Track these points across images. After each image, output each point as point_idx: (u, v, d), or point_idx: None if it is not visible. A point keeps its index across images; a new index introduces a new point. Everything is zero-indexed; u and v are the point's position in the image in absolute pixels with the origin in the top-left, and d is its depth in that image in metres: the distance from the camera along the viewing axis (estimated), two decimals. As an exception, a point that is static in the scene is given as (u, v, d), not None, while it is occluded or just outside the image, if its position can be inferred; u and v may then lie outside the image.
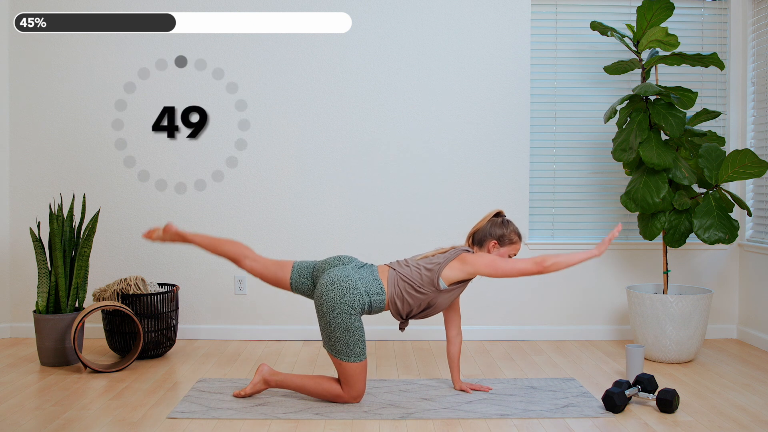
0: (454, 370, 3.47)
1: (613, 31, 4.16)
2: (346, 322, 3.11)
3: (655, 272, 4.62)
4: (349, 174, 4.56)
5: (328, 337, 3.16)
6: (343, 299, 3.12)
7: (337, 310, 3.11)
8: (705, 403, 3.28)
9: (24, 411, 3.12)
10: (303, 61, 4.54)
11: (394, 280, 3.23)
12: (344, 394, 3.20)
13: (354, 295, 3.14)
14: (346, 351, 3.13)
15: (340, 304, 3.11)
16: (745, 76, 4.59)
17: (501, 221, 3.35)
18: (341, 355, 3.13)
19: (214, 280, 4.57)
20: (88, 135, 4.54)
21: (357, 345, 3.14)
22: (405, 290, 3.22)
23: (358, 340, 3.14)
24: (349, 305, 3.12)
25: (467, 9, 4.54)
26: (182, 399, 3.29)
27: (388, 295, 3.22)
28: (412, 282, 3.22)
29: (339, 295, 3.12)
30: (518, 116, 4.57)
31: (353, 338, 3.13)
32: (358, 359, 3.15)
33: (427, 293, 3.22)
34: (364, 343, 3.18)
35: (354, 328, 3.13)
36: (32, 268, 4.52)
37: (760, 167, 3.86)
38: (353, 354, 3.14)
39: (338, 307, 3.11)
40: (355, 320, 3.13)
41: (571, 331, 4.61)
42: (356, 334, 3.14)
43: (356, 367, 3.15)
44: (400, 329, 3.40)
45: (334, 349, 3.15)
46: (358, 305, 3.14)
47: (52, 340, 3.85)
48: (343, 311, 3.11)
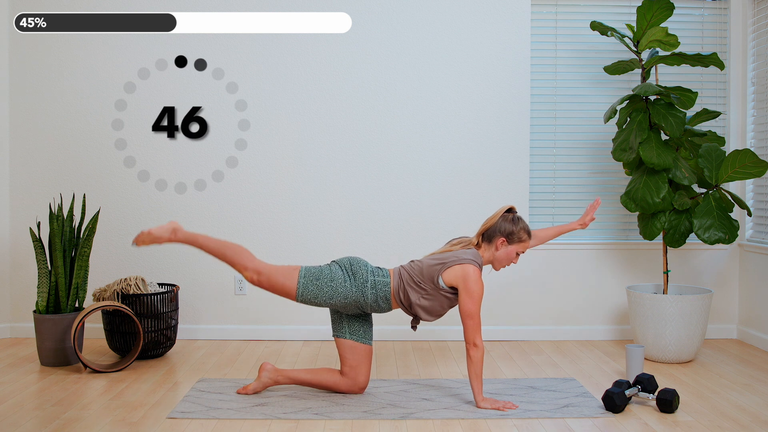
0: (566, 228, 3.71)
1: (613, 31, 4.16)
2: (335, 273, 3.26)
3: (655, 272, 4.62)
4: (349, 173, 4.57)
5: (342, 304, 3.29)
6: (350, 264, 3.30)
7: (341, 265, 3.30)
8: (705, 403, 3.28)
9: (24, 411, 3.12)
10: (303, 61, 4.54)
11: (398, 273, 3.31)
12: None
13: (360, 267, 3.29)
14: (310, 277, 3.26)
15: (346, 265, 3.30)
16: (745, 76, 4.60)
17: (512, 218, 3.34)
18: (305, 275, 3.26)
19: (214, 280, 4.57)
20: (88, 135, 4.54)
21: (318, 285, 3.25)
22: (407, 282, 3.26)
23: (321, 287, 3.25)
24: (352, 270, 3.27)
25: (467, 9, 4.54)
26: (182, 399, 3.29)
27: (393, 284, 3.27)
28: (413, 274, 3.26)
29: (348, 261, 3.31)
30: (518, 116, 4.57)
31: (323, 283, 3.25)
32: (300, 287, 3.25)
33: (426, 289, 3.24)
34: (317, 297, 3.26)
35: (333, 280, 3.25)
36: (32, 268, 4.52)
37: (760, 167, 3.86)
38: (306, 282, 3.25)
39: (343, 265, 3.30)
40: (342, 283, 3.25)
41: (571, 331, 4.61)
42: (328, 285, 3.25)
43: (292, 279, 3.25)
44: (412, 328, 3.41)
45: (309, 273, 3.27)
46: (360, 277, 3.26)
47: (52, 340, 3.84)
48: (345, 270, 3.27)
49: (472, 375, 3.17)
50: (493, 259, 3.35)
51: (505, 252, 3.32)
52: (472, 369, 3.17)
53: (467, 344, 3.17)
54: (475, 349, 3.15)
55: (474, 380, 3.17)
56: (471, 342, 3.16)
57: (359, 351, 3.35)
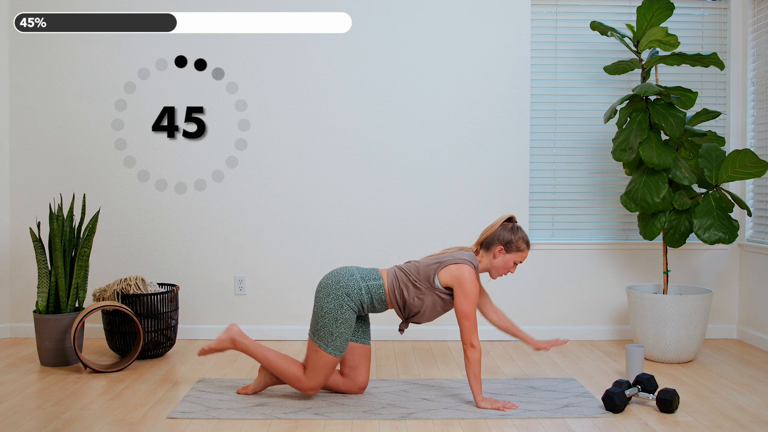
0: (522, 335, 3.53)
1: (613, 31, 4.16)
2: (337, 309, 3.17)
3: (655, 272, 4.62)
4: (349, 173, 4.56)
5: (316, 322, 3.22)
6: (338, 284, 3.19)
7: (332, 295, 3.19)
8: (705, 403, 3.28)
9: (24, 411, 3.12)
10: (303, 61, 4.54)
11: (393, 272, 3.30)
12: (305, 379, 3.25)
13: (350, 281, 3.21)
14: (327, 339, 3.18)
15: (336, 289, 3.18)
16: (745, 76, 4.59)
17: (511, 227, 3.34)
18: (321, 342, 3.19)
19: (214, 280, 4.57)
20: (88, 135, 4.54)
21: (339, 339, 3.18)
22: (402, 281, 3.26)
23: (342, 334, 3.18)
24: (345, 291, 3.18)
25: (467, 9, 4.54)
26: (182, 399, 3.29)
27: (387, 284, 3.26)
28: (409, 274, 3.27)
29: (335, 281, 3.21)
30: (518, 116, 4.57)
31: (339, 330, 3.18)
32: (335, 353, 3.20)
33: (421, 288, 3.24)
34: (346, 343, 3.22)
35: (343, 320, 3.18)
36: (32, 268, 4.52)
37: (760, 167, 3.86)
38: (332, 346, 3.19)
39: (333, 292, 3.19)
40: (347, 311, 3.18)
41: (571, 331, 4.61)
42: (343, 327, 3.18)
43: (329, 359, 3.20)
44: (400, 331, 3.40)
45: (317, 334, 3.20)
46: (354, 292, 3.19)
47: (52, 340, 3.84)
48: (338, 296, 3.18)
49: (471, 376, 3.17)
50: (491, 267, 3.35)
51: (503, 260, 3.32)
52: (470, 370, 3.17)
53: (464, 345, 3.17)
54: (473, 350, 3.15)
55: (473, 381, 3.17)
56: (468, 343, 3.16)
57: (358, 351, 3.36)
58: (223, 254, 4.56)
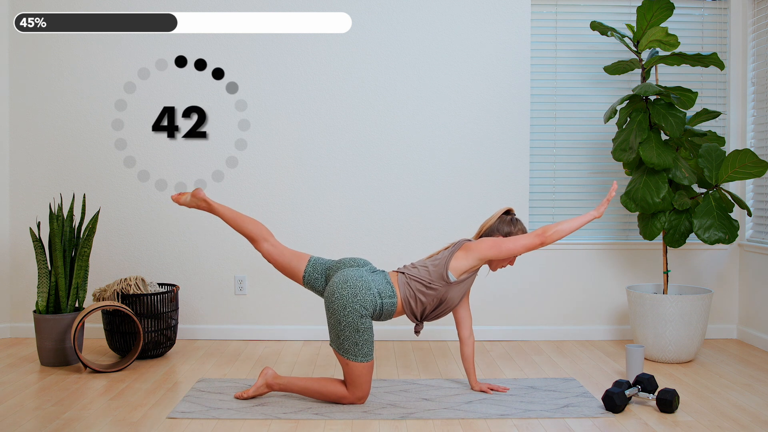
0: (470, 372, 3.47)
1: (613, 31, 4.16)
2: (356, 321, 3.11)
3: (655, 272, 4.62)
4: (349, 174, 4.57)
5: (336, 335, 3.15)
6: (355, 298, 3.12)
7: (349, 308, 3.11)
8: (705, 403, 3.28)
9: (24, 411, 3.12)
10: (303, 61, 4.54)
11: (405, 282, 3.25)
12: (349, 395, 3.19)
13: (367, 295, 3.14)
14: (354, 350, 3.13)
15: (352, 303, 3.11)
16: (745, 76, 4.59)
17: (510, 219, 3.37)
18: (349, 354, 3.13)
19: (214, 280, 4.57)
20: (88, 135, 4.54)
21: (366, 345, 3.14)
22: (417, 289, 3.23)
23: (367, 341, 3.14)
24: (362, 305, 3.12)
25: (467, 9, 4.54)
26: (182, 399, 3.29)
27: (400, 297, 3.23)
28: (422, 280, 3.23)
29: (352, 294, 3.12)
30: (518, 116, 4.57)
31: (362, 338, 3.13)
32: (366, 359, 3.15)
33: (438, 288, 3.23)
34: (373, 344, 3.18)
35: (364, 329, 3.13)
36: (32, 268, 4.52)
37: (760, 167, 3.86)
38: (361, 354, 3.13)
39: (350, 305, 3.11)
40: (365, 320, 3.13)
41: (571, 331, 4.61)
42: (366, 335, 3.13)
43: (363, 367, 3.15)
44: (416, 333, 3.37)
45: (342, 348, 3.14)
46: (370, 305, 3.14)
47: (52, 340, 3.84)
48: (355, 310, 3.11)
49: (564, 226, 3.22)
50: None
51: None
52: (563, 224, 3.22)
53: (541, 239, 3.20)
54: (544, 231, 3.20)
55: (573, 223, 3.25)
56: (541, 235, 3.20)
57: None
58: (223, 254, 4.56)
